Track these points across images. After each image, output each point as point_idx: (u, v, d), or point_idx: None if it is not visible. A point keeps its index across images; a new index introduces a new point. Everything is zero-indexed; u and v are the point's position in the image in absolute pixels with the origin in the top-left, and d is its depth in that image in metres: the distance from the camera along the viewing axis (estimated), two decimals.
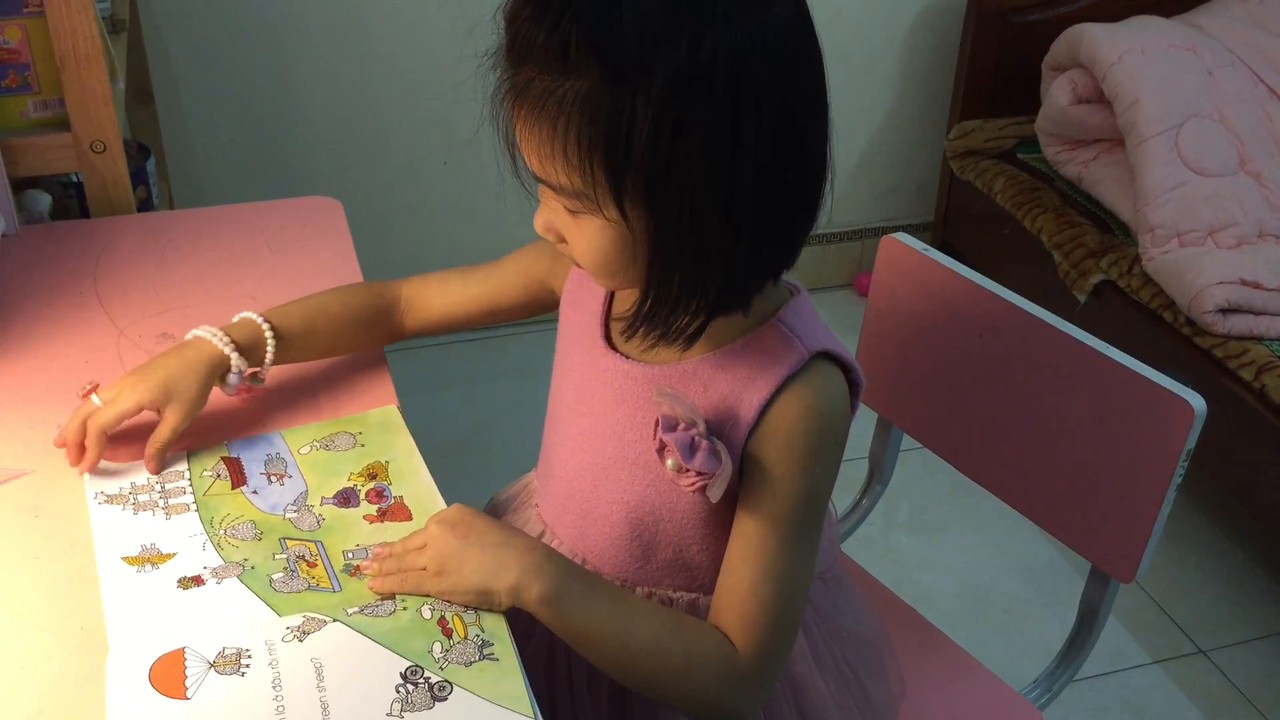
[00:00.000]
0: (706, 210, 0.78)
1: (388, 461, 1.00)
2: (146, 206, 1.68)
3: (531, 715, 0.77)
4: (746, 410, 0.88)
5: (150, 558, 0.89)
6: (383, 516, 0.94)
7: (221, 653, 0.80)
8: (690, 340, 0.85)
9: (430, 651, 0.81)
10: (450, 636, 0.82)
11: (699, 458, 0.84)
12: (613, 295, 0.97)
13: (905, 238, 1.31)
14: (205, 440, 1.02)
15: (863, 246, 2.80)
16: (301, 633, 0.82)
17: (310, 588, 0.87)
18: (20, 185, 1.43)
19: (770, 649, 0.90)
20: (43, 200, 1.47)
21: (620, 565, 0.98)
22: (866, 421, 0.96)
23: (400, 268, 2.52)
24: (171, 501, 0.95)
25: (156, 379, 0.98)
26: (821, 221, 0.86)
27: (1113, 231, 2.25)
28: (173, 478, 0.97)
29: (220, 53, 2.24)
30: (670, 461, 0.85)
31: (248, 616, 0.84)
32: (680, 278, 0.81)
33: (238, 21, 2.22)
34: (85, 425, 0.96)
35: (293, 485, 0.97)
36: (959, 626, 1.52)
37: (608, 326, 0.97)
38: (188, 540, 0.91)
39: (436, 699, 0.77)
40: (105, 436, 0.96)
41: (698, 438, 0.84)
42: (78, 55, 1.33)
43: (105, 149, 1.39)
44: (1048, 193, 2.39)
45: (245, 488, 0.96)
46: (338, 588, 0.87)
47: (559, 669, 1.00)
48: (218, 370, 1.01)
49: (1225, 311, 1.95)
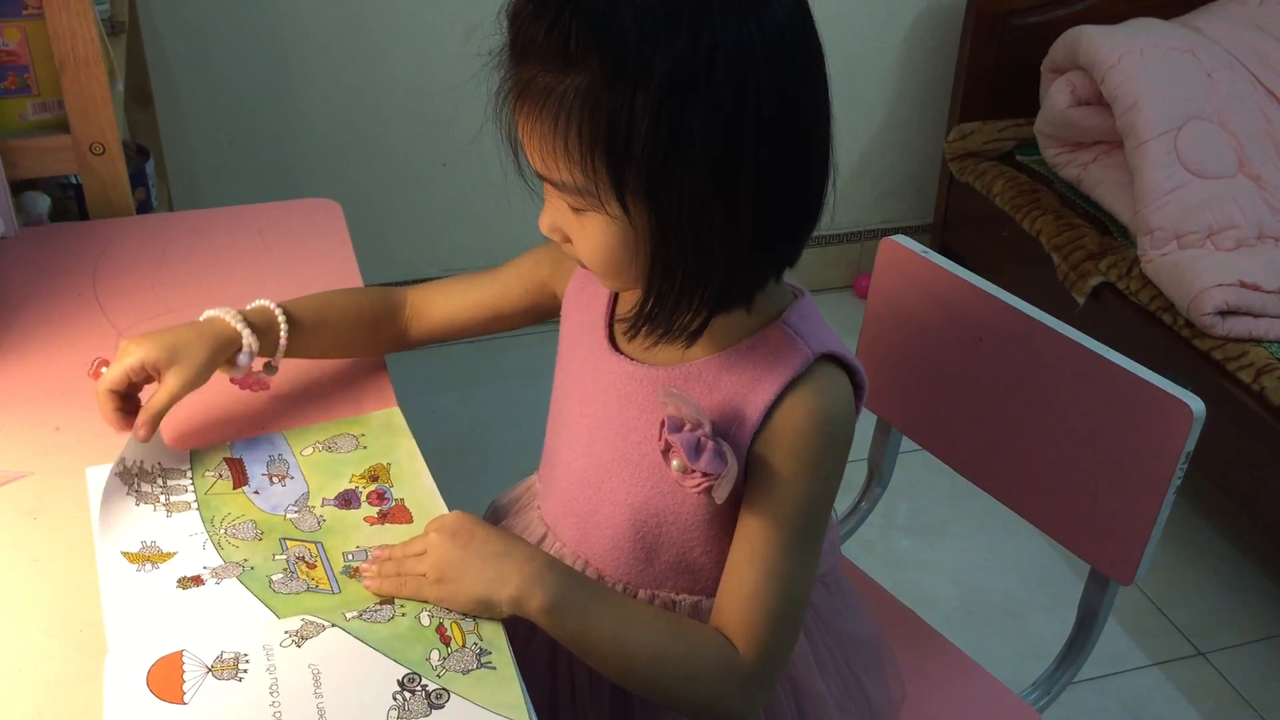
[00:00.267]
0: (707, 205, 0.78)
1: (389, 464, 1.00)
2: (146, 208, 1.68)
3: None
4: (752, 411, 0.88)
5: (150, 555, 0.89)
6: (383, 519, 0.94)
7: (219, 657, 0.80)
8: (693, 338, 0.85)
9: (428, 659, 0.80)
10: (449, 644, 0.82)
11: (705, 458, 0.84)
12: (616, 297, 0.97)
13: (904, 240, 1.31)
14: (208, 440, 1.02)
15: (862, 248, 2.80)
16: (300, 638, 0.82)
17: (309, 589, 0.86)
18: (19, 187, 1.44)
19: (771, 651, 0.89)
20: (42, 202, 1.47)
21: (623, 568, 0.98)
22: (866, 424, 0.96)
23: (399, 269, 2.55)
24: (173, 499, 0.95)
25: (164, 340, 0.98)
26: (821, 223, 0.86)
27: (1112, 234, 2.25)
28: (175, 475, 0.97)
29: (219, 55, 2.24)
30: (676, 462, 0.85)
31: (246, 618, 0.83)
32: (682, 273, 0.81)
33: (237, 23, 2.22)
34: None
35: (294, 486, 0.97)
36: (958, 629, 1.52)
37: (611, 328, 0.97)
38: (188, 539, 0.91)
39: (434, 706, 0.77)
40: (113, 395, 0.97)
41: (704, 438, 0.84)
42: (77, 57, 1.33)
43: (104, 151, 1.39)
44: (1047, 195, 2.39)
45: (247, 488, 0.96)
46: (337, 590, 0.87)
47: (561, 671, 1.00)
48: (229, 347, 1.00)
49: (1224, 314, 1.95)
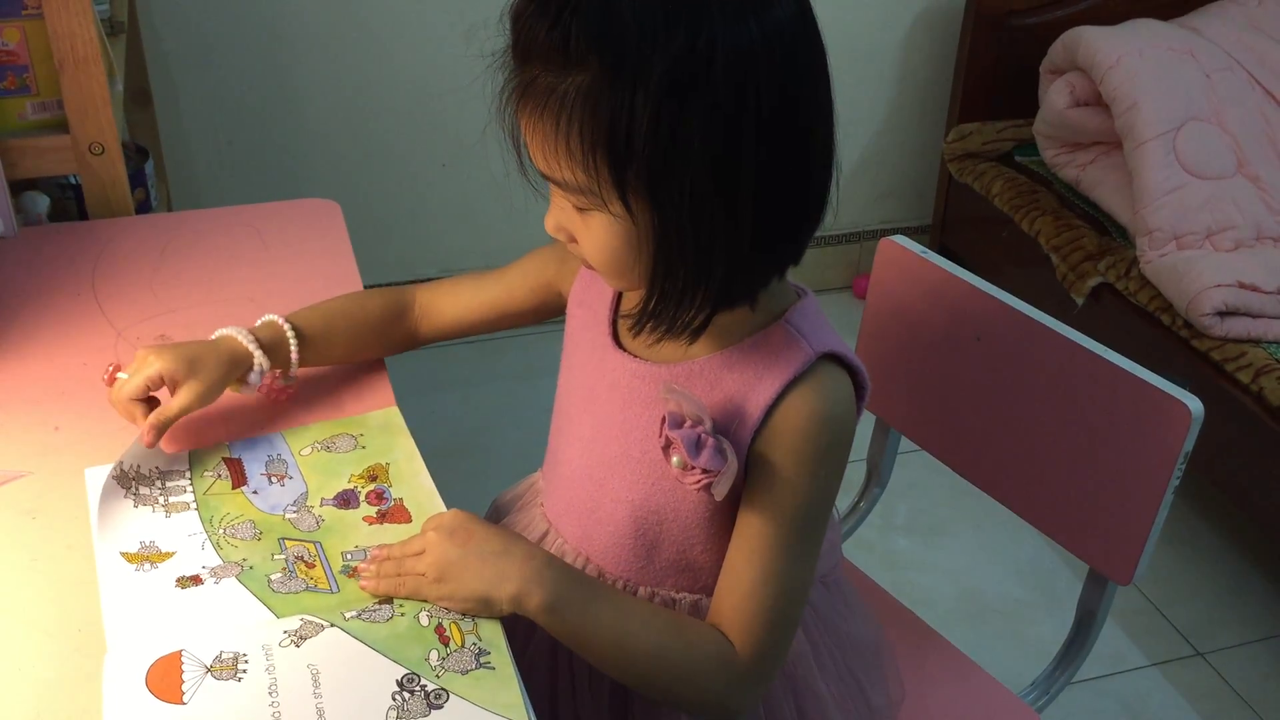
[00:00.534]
0: (707, 203, 0.79)
1: (388, 464, 1.00)
2: (145, 208, 1.68)
3: None
4: (753, 409, 0.88)
5: (149, 555, 0.89)
6: (382, 518, 0.94)
7: (218, 657, 0.80)
8: (695, 335, 0.86)
9: (427, 659, 0.80)
10: (448, 644, 0.82)
11: (704, 455, 0.84)
12: (620, 294, 0.98)
13: (903, 240, 1.31)
14: (207, 440, 1.02)
15: (861, 249, 2.80)
16: (299, 638, 0.82)
17: (308, 588, 0.87)
18: (19, 187, 1.44)
19: (768, 649, 0.90)
20: (41, 202, 1.47)
21: (623, 565, 0.98)
22: (864, 424, 0.96)
23: (398, 269, 2.55)
24: (172, 500, 0.95)
25: (182, 353, 0.99)
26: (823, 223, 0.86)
27: (1111, 234, 2.25)
28: (174, 476, 0.97)
29: (219, 55, 2.24)
30: (676, 459, 0.85)
31: (245, 617, 0.83)
32: (684, 272, 0.82)
33: (236, 23, 2.22)
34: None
35: (293, 486, 0.97)
36: (957, 629, 1.52)
37: (615, 325, 0.97)
38: (187, 539, 0.91)
39: (432, 706, 0.77)
40: (134, 404, 0.98)
41: (704, 435, 0.84)
42: (76, 57, 1.33)
43: (104, 151, 1.39)
44: (1046, 195, 2.39)
45: (246, 488, 0.97)
46: (335, 589, 0.87)
47: (561, 669, 1.01)
48: (240, 367, 1.02)
49: (1223, 314, 1.95)
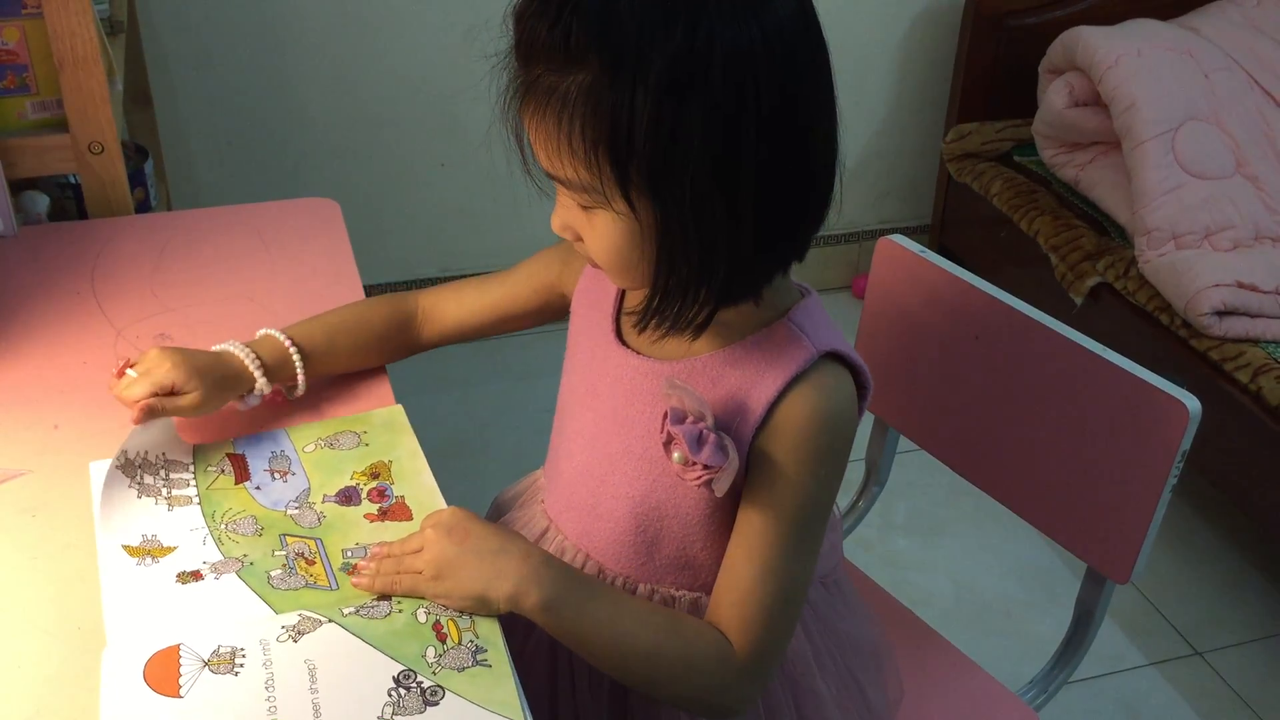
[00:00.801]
0: (709, 200, 0.79)
1: (391, 461, 1.00)
2: (144, 208, 1.68)
3: None
4: (755, 406, 0.88)
5: (151, 549, 0.89)
6: (383, 516, 0.94)
7: (216, 651, 0.80)
8: (699, 331, 0.86)
9: (424, 656, 0.81)
10: (445, 641, 0.82)
11: (706, 451, 0.84)
12: (623, 292, 0.98)
13: (901, 239, 1.31)
14: (212, 436, 1.02)
15: (860, 249, 2.80)
16: (296, 633, 0.82)
17: (308, 585, 0.87)
18: (18, 186, 1.44)
19: (766, 646, 0.90)
20: (41, 201, 1.47)
21: (623, 562, 0.98)
22: (863, 424, 0.96)
23: (397, 269, 2.55)
24: (175, 492, 0.95)
25: (192, 364, 0.99)
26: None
27: (1109, 234, 2.25)
28: (178, 468, 0.98)
29: (218, 55, 2.25)
30: (677, 454, 0.85)
31: (244, 613, 0.84)
32: (687, 267, 0.82)
33: (236, 24, 2.22)
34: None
35: (296, 483, 0.97)
36: (955, 628, 1.52)
37: (618, 322, 0.97)
38: (189, 534, 0.91)
39: (428, 703, 0.77)
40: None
41: (705, 431, 0.85)
42: (76, 57, 1.33)
43: (103, 150, 1.39)
44: (1045, 195, 2.39)
45: (249, 483, 0.97)
46: (335, 586, 0.87)
47: (560, 666, 1.01)
48: (244, 384, 1.03)
49: (1221, 314, 1.95)
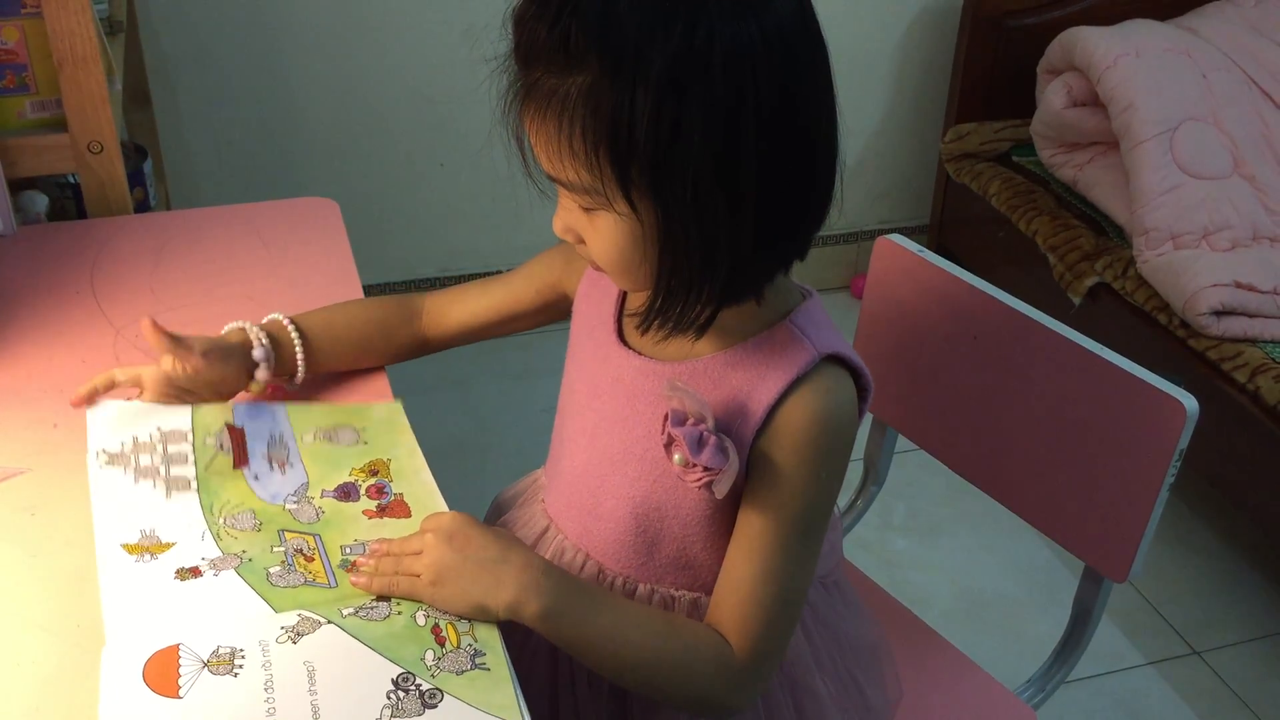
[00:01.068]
0: (711, 200, 0.79)
1: (390, 459, 1.00)
2: (143, 207, 1.68)
3: None
4: (756, 408, 0.88)
5: (150, 547, 0.89)
6: (382, 512, 0.94)
7: (215, 652, 0.80)
8: (701, 331, 0.86)
9: (423, 659, 0.81)
10: (443, 645, 0.82)
11: (706, 453, 0.84)
12: (625, 292, 0.98)
13: (900, 239, 1.31)
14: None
15: (858, 249, 2.81)
16: (296, 634, 0.82)
17: (306, 583, 0.87)
18: (17, 186, 1.44)
19: (766, 649, 0.90)
20: (40, 201, 1.47)
21: (623, 562, 0.98)
22: (862, 423, 0.97)
23: (396, 269, 2.55)
24: (174, 472, 0.94)
25: (179, 339, 0.99)
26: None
27: (1108, 234, 2.26)
28: (175, 440, 0.97)
29: (217, 54, 2.25)
30: (678, 456, 0.85)
31: (243, 611, 0.84)
32: (689, 268, 0.82)
33: (234, 23, 2.23)
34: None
35: (294, 475, 0.97)
36: (954, 627, 1.52)
37: (620, 323, 0.98)
38: (186, 529, 0.91)
39: (427, 706, 0.77)
40: (159, 336, 0.99)
41: (706, 433, 0.85)
42: (75, 56, 1.33)
43: (102, 150, 1.39)
44: (1043, 196, 2.39)
45: (247, 470, 0.96)
46: (334, 584, 0.87)
47: (561, 666, 1.01)
48: (243, 356, 1.02)
49: (1219, 314, 1.96)
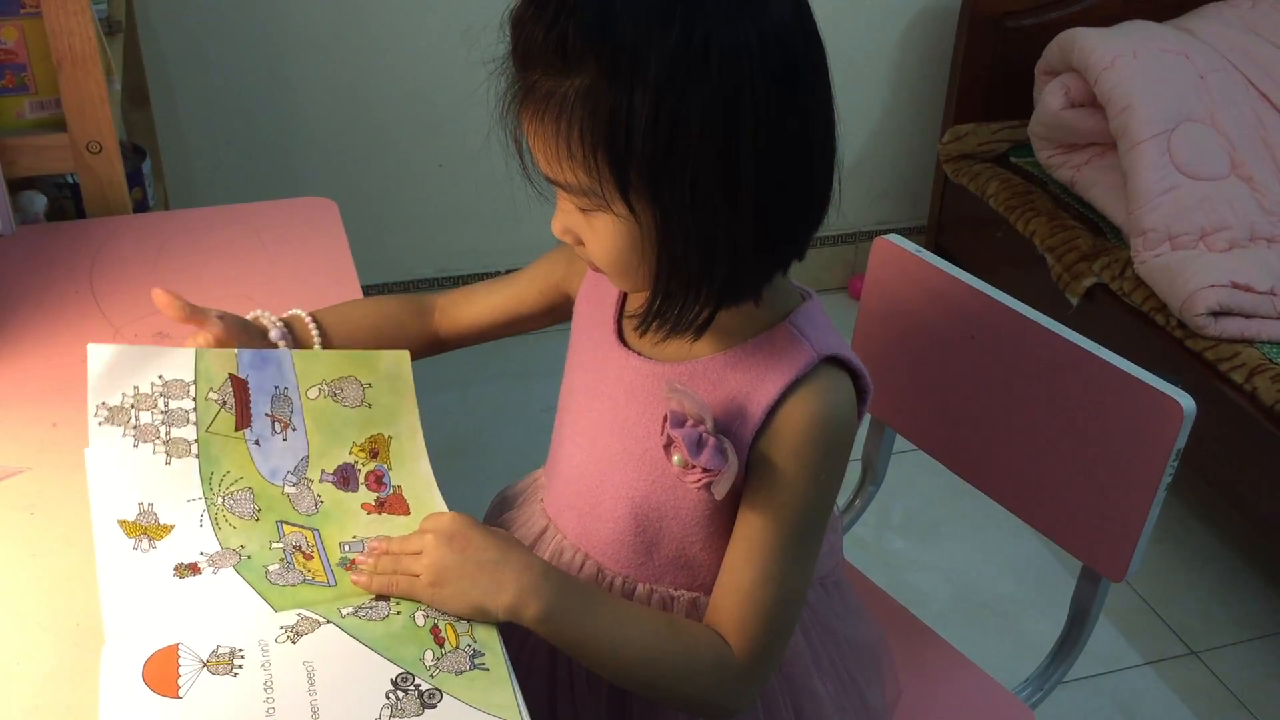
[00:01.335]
0: (709, 201, 0.79)
1: (390, 437, 0.99)
2: (142, 207, 1.68)
3: None
4: (755, 409, 0.88)
5: (148, 528, 0.89)
6: (380, 507, 0.94)
7: (215, 651, 0.80)
8: (700, 331, 0.86)
9: (422, 659, 0.81)
10: (443, 645, 0.82)
11: (705, 454, 0.84)
12: (625, 293, 0.98)
13: (898, 240, 1.31)
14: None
15: (856, 250, 2.81)
16: (295, 634, 0.82)
17: (305, 581, 0.87)
18: (16, 186, 1.44)
19: (765, 650, 0.90)
20: (39, 201, 1.47)
21: (622, 561, 0.98)
22: (859, 424, 0.97)
23: (394, 269, 2.55)
24: (174, 433, 0.93)
25: (236, 328, 0.99)
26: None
27: (1105, 235, 2.26)
28: (177, 391, 0.95)
29: (216, 54, 2.25)
30: (676, 457, 0.86)
31: (242, 610, 0.84)
32: (688, 268, 0.82)
33: (233, 24, 2.23)
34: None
35: (295, 443, 0.96)
36: (952, 627, 1.52)
37: (620, 324, 0.98)
38: (186, 505, 0.90)
39: (426, 706, 0.77)
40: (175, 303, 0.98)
41: (705, 434, 0.85)
42: (74, 56, 1.33)
43: (101, 150, 1.39)
44: (1040, 196, 2.40)
45: (249, 432, 0.95)
46: (333, 582, 0.87)
47: (560, 665, 1.01)
48: (260, 333, 1.02)
49: (1217, 314, 1.96)
